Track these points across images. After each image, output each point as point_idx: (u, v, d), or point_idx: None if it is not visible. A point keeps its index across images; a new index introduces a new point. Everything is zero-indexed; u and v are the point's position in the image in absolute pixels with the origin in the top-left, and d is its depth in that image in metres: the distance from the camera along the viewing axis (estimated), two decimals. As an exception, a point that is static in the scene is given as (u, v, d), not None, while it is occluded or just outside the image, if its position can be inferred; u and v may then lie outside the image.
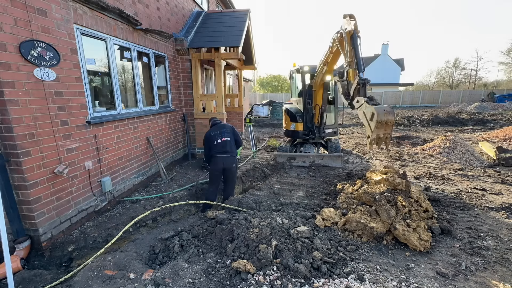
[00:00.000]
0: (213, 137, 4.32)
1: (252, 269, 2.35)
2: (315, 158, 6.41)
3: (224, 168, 4.26)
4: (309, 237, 2.90)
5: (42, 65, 3.01)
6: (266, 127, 14.29)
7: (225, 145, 4.27)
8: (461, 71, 50.47)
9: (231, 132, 4.45)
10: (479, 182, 5.09)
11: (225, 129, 4.44)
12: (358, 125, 14.64)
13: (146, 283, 2.27)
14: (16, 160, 2.82)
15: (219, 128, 4.46)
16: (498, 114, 16.94)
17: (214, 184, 4.40)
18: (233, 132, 4.50)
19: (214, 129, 4.47)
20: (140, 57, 5.17)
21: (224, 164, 4.23)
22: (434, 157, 7.05)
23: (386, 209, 3.14)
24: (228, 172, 4.34)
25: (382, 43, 39.24)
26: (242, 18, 7.30)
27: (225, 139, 4.30)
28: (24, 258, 2.93)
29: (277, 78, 47.17)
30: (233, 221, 2.99)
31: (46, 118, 3.09)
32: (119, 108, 4.48)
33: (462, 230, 3.32)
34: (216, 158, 4.22)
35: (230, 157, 4.28)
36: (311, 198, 4.51)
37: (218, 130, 4.40)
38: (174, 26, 6.41)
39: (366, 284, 2.35)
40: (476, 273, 2.55)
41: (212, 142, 4.28)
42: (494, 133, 9.87)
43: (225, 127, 4.49)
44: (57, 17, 3.22)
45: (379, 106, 3.50)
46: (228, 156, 4.26)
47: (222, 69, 6.76)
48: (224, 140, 4.28)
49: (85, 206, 3.71)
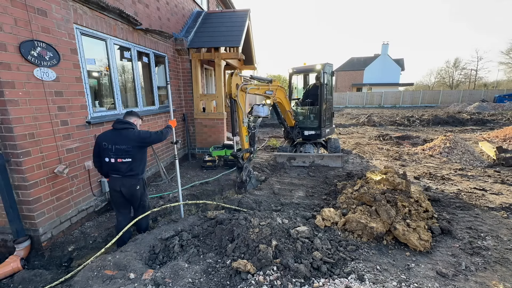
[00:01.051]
0: (104, 151, 3.02)
1: (252, 269, 2.35)
2: (315, 158, 6.40)
3: (121, 191, 3.11)
4: (309, 237, 2.90)
5: (42, 65, 3.01)
6: (266, 127, 14.29)
7: (120, 169, 3.04)
8: (461, 71, 50.55)
9: (135, 148, 3.06)
10: (479, 182, 5.09)
11: (125, 146, 3.00)
12: (358, 125, 14.65)
13: (146, 283, 2.27)
14: (16, 160, 2.82)
15: (116, 139, 3.01)
16: (498, 114, 16.94)
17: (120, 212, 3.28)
18: (141, 144, 3.12)
19: (109, 138, 3.02)
20: (140, 57, 5.17)
21: (121, 187, 3.09)
22: (434, 157, 7.05)
23: (386, 209, 3.14)
24: (130, 197, 3.18)
25: (382, 43, 39.28)
26: (242, 18, 7.30)
27: (120, 161, 3.01)
28: (24, 258, 2.93)
29: (277, 78, 47.19)
30: (233, 221, 2.99)
31: (46, 118, 3.09)
32: (119, 108, 4.48)
33: (462, 230, 3.32)
34: (111, 178, 3.13)
35: (130, 177, 3.10)
36: (311, 198, 4.51)
37: (114, 144, 2.99)
38: (174, 26, 6.41)
39: (366, 284, 2.34)
40: (476, 273, 2.55)
41: (103, 158, 3.04)
42: (494, 133, 9.86)
43: (127, 142, 3.01)
44: (57, 17, 3.22)
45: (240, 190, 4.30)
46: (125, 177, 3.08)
47: (222, 69, 6.76)
48: (118, 162, 3.01)
49: (85, 206, 3.71)
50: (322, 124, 6.72)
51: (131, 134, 3.06)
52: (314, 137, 6.95)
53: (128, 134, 3.05)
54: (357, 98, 31.81)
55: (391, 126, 13.97)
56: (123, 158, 3.02)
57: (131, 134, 3.06)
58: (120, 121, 3.11)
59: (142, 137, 3.10)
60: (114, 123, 3.11)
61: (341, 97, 32.07)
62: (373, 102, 31.22)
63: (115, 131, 3.06)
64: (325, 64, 6.50)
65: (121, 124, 3.08)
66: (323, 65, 6.45)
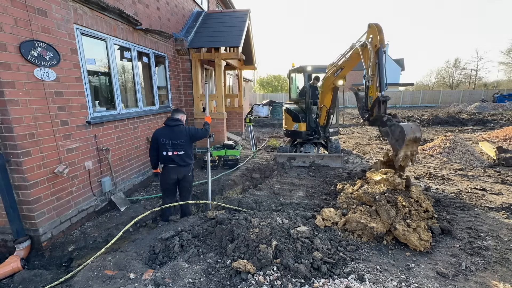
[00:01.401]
0: (163, 145, 3.52)
1: (252, 269, 2.35)
2: (315, 158, 6.40)
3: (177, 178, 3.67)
4: (309, 237, 2.89)
5: (42, 65, 3.01)
6: (266, 127, 14.29)
7: (176, 159, 3.56)
8: (461, 71, 50.54)
9: (187, 142, 3.59)
10: (479, 182, 5.09)
11: (179, 141, 3.53)
12: (358, 125, 14.64)
13: (146, 283, 2.27)
14: (16, 160, 2.82)
15: (171, 134, 3.53)
16: (498, 114, 16.94)
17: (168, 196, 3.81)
18: (191, 139, 3.66)
19: (165, 134, 3.54)
20: (140, 57, 5.17)
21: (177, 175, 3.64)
22: (434, 157, 7.05)
23: (386, 209, 3.14)
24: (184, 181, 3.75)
25: (382, 43, 39.22)
26: (242, 18, 7.30)
27: (176, 154, 3.54)
28: (24, 258, 2.93)
29: (277, 78, 47.17)
30: (233, 221, 2.99)
31: (46, 118, 3.09)
32: (119, 108, 4.48)
33: (462, 230, 3.32)
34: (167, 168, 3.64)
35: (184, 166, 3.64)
36: (311, 198, 4.51)
37: (170, 139, 3.51)
38: (174, 26, 6.41)
39: (366, 284, 2.34)
40: (476, 273, 2.55)
41: (161, 151, 3.55)
42: (494, 133, 9.86)
43: (180, 137, 3.54)
44: (57, 17, 3.23)
45: (406, 124, 3.43)
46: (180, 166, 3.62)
47: (222, 69, 6.76)
48: (175, 155, 3.54)
49: (85, 206, 3.71)
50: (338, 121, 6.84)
51: (183, 130, 3.60)
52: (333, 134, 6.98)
53: (181, 130, 3.58)
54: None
55: (391, 126, 13.95)
56: (178, 151, 3.54)
57: (183, 130, 3.60)
58: (172, 119, 3.62)
59: (192, 133, 3.65)
60: (167, 120, 3.64)
61: (341, 97, 32.02)
62: (373, 102, 31.19)
63: (169, 128, 3.57)
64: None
65: (173, 122, 3.60)
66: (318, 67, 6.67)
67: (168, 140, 3.51)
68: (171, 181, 3.67)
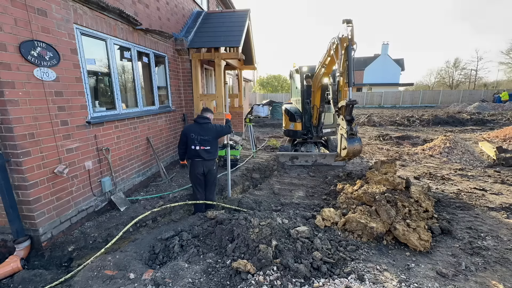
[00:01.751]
0: (191, 140, 3.87)
1: (252, 269, 2.35)
2: (318, 157, 6.48)
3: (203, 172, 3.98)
4: (309, 237, 2.90)
5: (42, 65, 3.01)
6: (266, 127, 14.29)
7: (202, 154, 3.89)
8: (461, 71, 50.52)
9: (213, 139, 3.96)
10: (479, 182, 5.09)
11: (207, 137, 3.89)
12: (358, 125, 14.65)
13: (146, 283, 2.27)
14: (16, 160, 2.82)
15: (200, 131, 3.89)
16: (498, 114, 16.94)
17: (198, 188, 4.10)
18: (217, 135, 4.02)
19: (195, 130, 3.91)
20: (140, 57, 5.17)
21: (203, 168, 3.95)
22: (434, 157, 7.05)
23: (386, 209, 3.14)
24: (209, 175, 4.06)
25: (382, 43, 39.33)
26: (242, 18, 7.30)
27: (203, 148, 3.88)
28: (24, 258, 2.93)
29: (277, 78, 47.16)
30: (233, 221, 2.99)
31: (46, 118, 3.09)
32: (119, 108, 4.48)
33: (462, 230, 3.32)
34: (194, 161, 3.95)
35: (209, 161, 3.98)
36: (311, 198, 4.51)
37: (199, 135, 3.87)
38: (174, 26, 6.41)
39: (366, 284, 2.35)
40: (476, 273, 2.55)
41: (189, 146, 3.90)
42: (494, 133, 9.86)
43: (208, 133, 3.91)
44: (57, 17, 3.22)
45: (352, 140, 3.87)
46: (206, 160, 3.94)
47: (222, 69, 6.75)
48: (202, 149, 3.87)
49: (85, 206, 3.71)
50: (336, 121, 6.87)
51: (211, 127, 3.94)
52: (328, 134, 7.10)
53: (208, 127, 3.92)
54: (357, 98, 31.49)
55: (391, 126, 13.98)
56: (205, 146, 3.86)
57: (211, 127, 3.95)
58: (202, 117, 3.98)
59: (218, 130, 4.00)
60: (197, 118, 4.01)
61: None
62: (373, 102, 31.21)
63: (198, 125, 3.92)
64: None
65: (202, 119, 3.95)
66: None
67: (197, 136, 3.85)
68: (199, 174, 3.95)
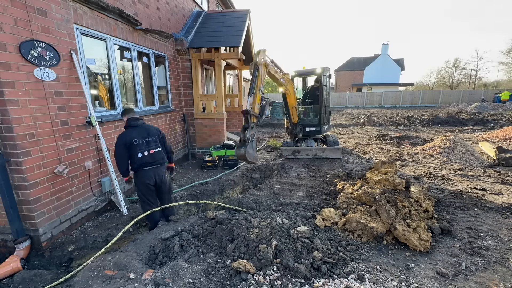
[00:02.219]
0: (135, 147, 3.25)
1: (252, 269, 2.35)
2: (317, 151, 7.10)
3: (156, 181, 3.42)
4: (309, 237, 2.89)
5: (42, 65, 3.01)
6: (266, 127, 14.30)
7: (155, 157, 3.38)
8: (461, 71, 50.47)
9: (158, 138, 3.49)
10: (479, 182, 5.09)
11: (151, 137, 3.39)
12: (358, 125, 14.65)
13: (146, 283, 2.27)
14: (16, 160, 2.82)
15: (141, 133, 3.33)
16: (498, 114, 16.94)
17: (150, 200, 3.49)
18: (163, 137, 3.58)
19: (134, 135, 3.29)
20: (140, 57, 5.17)
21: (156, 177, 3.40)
22: (434, 157, 7.05)
23: (386, 209, 3.14)
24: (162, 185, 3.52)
25: (382, 43, 39.27)
26: (242, 18, 7.30)
27: (153, 152, 3.36)
28: (24, 258, 2.93)
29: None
30: (233, 221, 2.99)
31: (46, 118, 3.09)
32: (119, 108, 4.48)
33: (462, 230, 3.32)
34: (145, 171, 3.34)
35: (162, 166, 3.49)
36: (311, 198, 4.51)
37: (142, 138, 3.31)
38: (174, 26, 6.41)
39: (366, 284, 2.34)
40: (476, 273, 2.55)
41: (135, 155, 3.26)
42: (494, 133, 9.86)
43: (151, 133, 3.41)
44: (57, 17, 3.22)
45: (238, 146, 4.22)
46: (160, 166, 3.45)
47: (222, 69, 6.75)
48: (152, 153, 3.35)
49: (85, 206, 3.71)
50: (322, 122, 7.39)
51: (150, 126, 3.51)
52: (314, 133, 7.60)
53: (148, 127, 3.47)
54: (357, 98, 31.80)
55: (391, 126, 13.97)
56: (154, 148, 3.39)
57: (149, 126, 3.51)
58: (135, 118, 3.40)
59: (159, 129, 3.58)
60: (129, 121, 3.37)
61: (341, 97, 32.06)
62: (373, 102, 31.21)
63: (135, 128, 3.36)
64: (324, 68, 7.19)
65: (137, 121, 3.40)
66: (323, 68, 7.13)
67: (140, 139, 3.28)
68: (150, 185, 3.37)
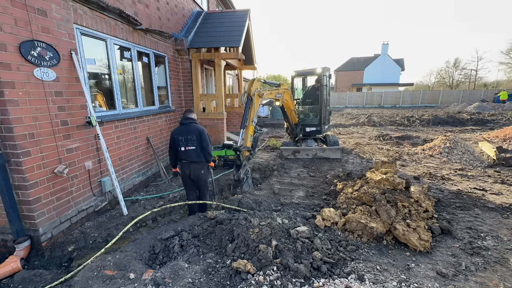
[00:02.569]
0: (178, 142, 3.77)
1: (252, 269, 2.35)
2: (317, 151, 7.04)
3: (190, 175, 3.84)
4: (309, 237, 2.89)
5: (42, 65, 3.01)
6: (266, 127, 14.29)
7: (190, 155, 3.78)
8: (461, 71, 50.46)
9: (197, 138, 3.80)
10: (479, 182, 5.09)
11: (190, 136, 3.78)
12: (358, 125, 14.65)
13: (146, 283, 2.27)
14: (16, 160, 2.82)
15: (184, 131, 3.80)
16: (498, 114, 16.93)
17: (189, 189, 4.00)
18: (201, 138, 3.82)
19: (179, 131, 3.82)
20: (140, 57, 5.17)
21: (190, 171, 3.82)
22: (434, 157, 7.05)
23: (386, 209, 3.14)
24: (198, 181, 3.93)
25: (382, 43, 39.27)
26: (242, 18, 7.30)
27: (189, 149, 3.76)
28: (24, 258, 2.93)
29: (277, 78, 47.12)
30: (233, 221, 2.99)
31: (46, 118, 3.09)
32: (119, 108, 4.48)
33: (462, 230, 3.32)
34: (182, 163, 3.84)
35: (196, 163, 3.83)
36: (311, 198, 4.51)
37: (183, 135, 3.78)
38: (174, 26, 6.41)
39: (366, 284, 2.34)
40: (476, 273, 2.55)
41: (177, 148, 3.79)
42: (494, 133, 9.86)
43: (191, 132, 3.79)
44: (57, 17, 3.22)
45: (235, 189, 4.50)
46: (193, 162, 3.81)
47: (222, 69, 6.76)
48: (187, 150, 3.76)
49: (85, 206, 3.71)
50: (322, 122, 7.37)
51: (193, 127, 3.84)
52: (314, 133, 7.58)
53: (191, 127, 3.83)
54: (357, 98, 31.80)
55: (391, 126, 13.97)
56: (190, 146, 3.77)
57: (193, 126, 3.85)
58: (185, 118, 3.89)
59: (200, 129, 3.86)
60: (181, 120, 3.91)
61: (341, 97, 32.06)
62: (373, 102, 31.21)
63: (183, 126, 3.85)
64: (325, 68, 7.17)
65: (186, 120, 3.87)
66: (323, 68, 7.09)
67: (182, 136, 3.78)
68: (186, 176, 3.85)
